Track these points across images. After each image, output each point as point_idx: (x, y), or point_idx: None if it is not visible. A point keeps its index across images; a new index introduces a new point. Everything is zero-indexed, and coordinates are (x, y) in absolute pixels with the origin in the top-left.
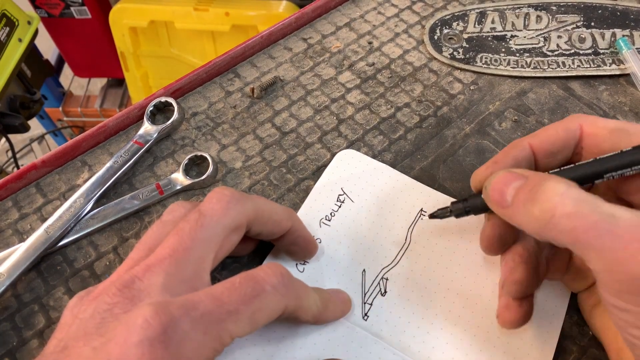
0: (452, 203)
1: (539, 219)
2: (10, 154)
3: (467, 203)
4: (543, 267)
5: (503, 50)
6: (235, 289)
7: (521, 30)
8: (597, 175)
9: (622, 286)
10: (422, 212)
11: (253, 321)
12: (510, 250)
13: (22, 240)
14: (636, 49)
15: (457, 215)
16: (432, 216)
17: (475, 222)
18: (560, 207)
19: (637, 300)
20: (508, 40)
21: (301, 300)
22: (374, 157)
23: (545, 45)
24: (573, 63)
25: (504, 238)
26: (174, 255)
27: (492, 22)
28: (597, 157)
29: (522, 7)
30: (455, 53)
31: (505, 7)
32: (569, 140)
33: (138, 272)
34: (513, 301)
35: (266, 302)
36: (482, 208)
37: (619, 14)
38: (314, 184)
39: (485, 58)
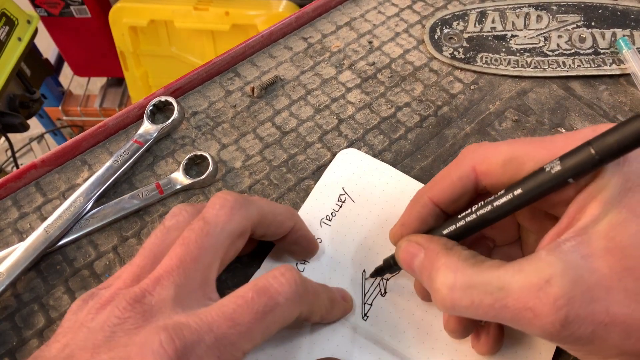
0: (384, 260)
1: (444, 309)
2: (9, 153)
3: (395, 262)
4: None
5: (503, 49)
6: (248, 305)
7: (521, 30)
8: (492, 220)
9: (543, 338)
10: None
11: (266, 334)
12: None
13: (21, 239)
14: (636, 48)
15: (391, 272)
16: (372, 276)
17: None
18: (456, 301)
19: (563, 345)
20: (508, 39)
21: (313, 305)
22: (374, 156)
23: (545, 45)
24: (573, 63)
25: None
26: (181, 265)
27: (493, 21)
28: (487, 202)
29: (523, 6)
30: (455, 53)
31: (505, 7)
32: (465, 186)
33: (148, 285)
34: (475, 334)
35: (280, 314)
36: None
37: (619, 13)
38: (314, 183)
39: (486, 58)
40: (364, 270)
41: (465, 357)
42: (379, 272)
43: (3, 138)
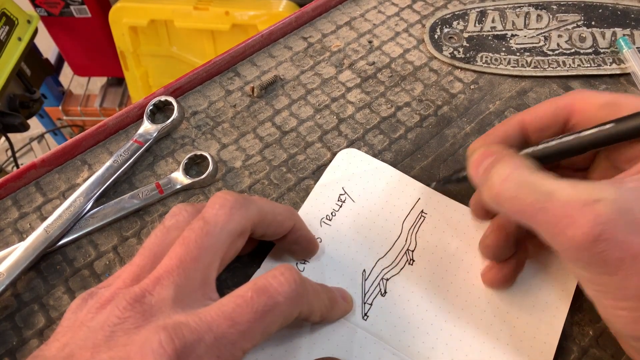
0: (455, 171)
1: (489, 200)
2: (9, 153)
3: (462, 173)
4: (522, 235)
5: (503, 49)
6: (248, 304)
7: (522, 30)
8: (574, 148)
9: (562, 254)
10: (423, 214)
11: (266, 333)
12: (494, 217)
13: (21, 239)
14: (637, 48)
15: (458, 182)
16: (438, 183)
17: (475, 224)
18: (503, 192)
19: (576, 265)
20: (508, 39)
21: (313, 305)
22: (374, 156)
23: (545, 44)
24: (573, 62)
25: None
26: (181, 265)
27: (493, 21)
28: (571, 133)
29: (523, 6)
30: (455, 52)
31: (505, 6)
32: (558, 117)
33: (148, 285)
34: (495, 264)
35: (279, 314)
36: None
37: (619, 13)
38: (314, 183)
39: (486, 57)
40: (364, 270)
41: (465, 357)
42: (446, 180)
43: (3, 138)
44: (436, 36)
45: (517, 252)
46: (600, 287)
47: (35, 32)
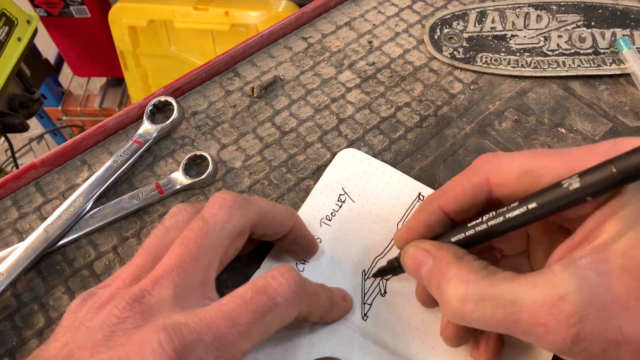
0: (388, 262)
1: (454, 320)
2: (9, 153)
3: (399, 265)
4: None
5: (503, 49)
6: (247, 305)
7: (521, 30)
8: (503, 231)
9: (559, 355)
10: None
11: (265, 334)
12: None
13: (21, 239)
14: (636, 48)
15: (395, 274)
16: (374, 276)
17: None
18: (467, 313)
19: (572, 358)
20: (508, 39)
21: (312, 306)
22: (374, 156)
23: (545, 44)
24: (573, 63)
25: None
26: (181, 265)
27: (493, 21)
28: (499, 212)
29: (523, 6)
30: (455, 52)
31: (505, 7)
32: (477, 196)
33: (147, 285)
34: (475, 346)
35: (279, 314)
36: None
37: (619, 13)
38: (314, 183)
39: (486, 57)
40: (364, 270)
41: (465, 357)
42: (381, 272)
43: (3, 138)
44: (436, 36)
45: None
46: None
47: (35, 32)
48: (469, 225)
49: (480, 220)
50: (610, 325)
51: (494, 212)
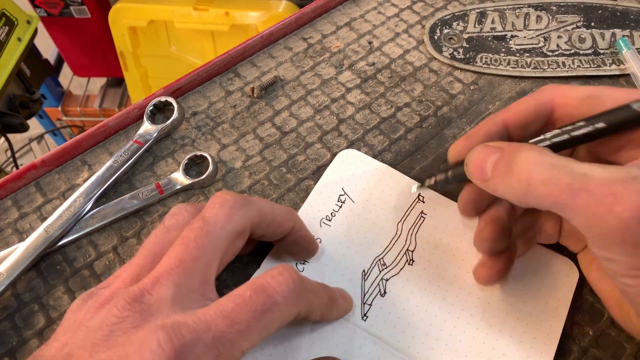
0: (438, 172)
1: (518, 189)
2: (9, 153)
3: (450, 174)
4: (517, 229)
5: (503, 50)
6: (246, 304)
7: (521, 30)
8: (565, 144)
9: (604, 238)
10: (423, 214)
11: (264, 333)
12: (484, 213)
13: (21, 239)
14: (636, 49)
15: (443, 185)
16: (420, 186)
17: (475, 224)
18: (536, 175)
19: (620, 249)
20: (508, 40)
21: (312, 305)
22: (374, 157)
23: (545, 45)
24: (573, 63)
25: (479, 202)
26: (181, 265)
27: (492, 22)
28: (564, 126)
29: (522, 7)
30: (455, 53)
31: (505, 7)
32: (540, 112)
33: (147, 284)
34: (487, 259)
35: (278, 314)
36: (463, 178)
37: (619, 14)
38: (314, 183)
39: (486, 58)
40: (364, 270)
41: (465, 357)
42: (424, 186)
43: (3, 138)
44: (436, 37)
45: (507, 247)
46: (627, 266)
47: (35, 32)
48: (533, 139)
49: (543, 137)
50: None
51: (558, 132)
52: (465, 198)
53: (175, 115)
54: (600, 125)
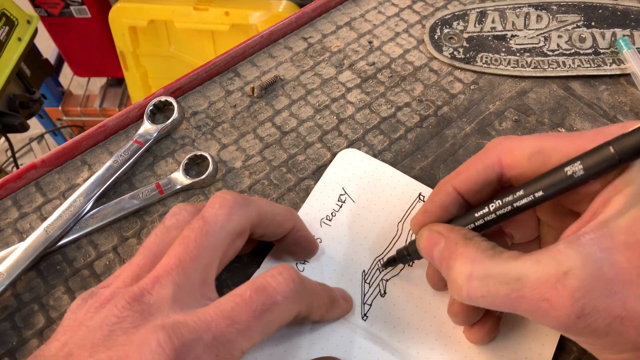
0: (397, 251)
1: (461, 300)
2: (9, 153)
3: (410, 252)
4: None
5: (503, 49)
6: (246, 303)
7: (521, 30)
8: (511, 214)
9: (556, 330)
10: None
11: (264, 333)
12: None
13: (21, 239)
14: (636, 48)
15: (404, 263)
16: (384, 266)
17: None
18: (473, 291)
19: (576, 338)
20: (508, 39)
21: (312, 305)
22: (374, 156)
23: (545, 44)
24: (573, 63)
25: (444, 281)
26: (181, 265)
27: (493, 21)
28: (507, 195)
29: (523, 6)
30: (455, 52)
31: (505, 7)
32: (489, 177)
33: (147, 284)
34: (473, 325)
35: (278, 313)
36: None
37: (619, 13)
38: (314, 183)
39: (486, 58)
40: (364, 271)
41: (464, 357)
42: (390, 262)
43: (3, 138)
44: (436, 36)
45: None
46: (597, 346)
47: (35, 32)
48: (476, 215)
49: (487, 210)
50: (614, 301)
51: (500, 202)
52: (430, 274)
53: (175, 115)
54: (539, 194)
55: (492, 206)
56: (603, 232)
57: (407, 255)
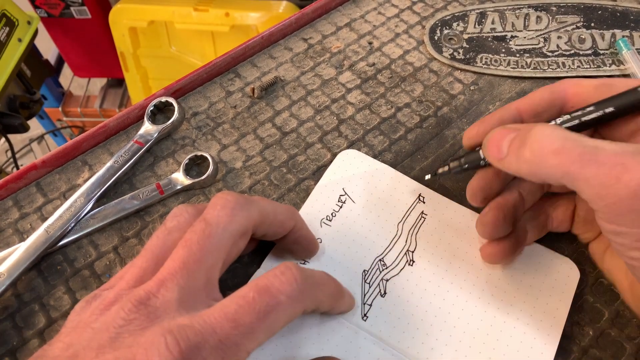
0: (450, 161)
1: (531, 160)
2: (10, 154)
3: (464, 160)
4: (528, 215)
5: (503, 50)
6: (250, 305)
7: (521, 31)
8: (575, 128)
9: (613, 209)
10: (423, 215)
11: (269, 333)
12: (491, 200)
13: (22, 239)
14: (636, 49)
15: (456, 172)
16: (433, 175)
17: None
18: (548, 145)
19: (628, 220)
20: (508, 40)
21: (318, 298)
22: (374, 157)
23: (545, 45)
24: (573, 64)
25: (487, 190)
26: (185, 268)
27: (492, 22)
28: (574, 111)
29: (522, 7)
30: (455, 53)
31: (505, 8)
32: (554, 100)
33: (152, 287)
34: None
35: (282, 313)
36: (477, 164)
37: (618, 14)
38: (315, 184)
39: (486, 58)
40: (364, 271)
41: (465, 357)
42: (443, 172)
43: (3, 139)
44: (436, 37)
45: (515, 231)
46: (634, 239)
47: (36, 33)
48: (558, 121)
49: (568, 116)
50: None
51: (570, 116)
52: (474, 185)
53: (175, 115)
54: (609, 109)
55: (559, 120)
56: None
57: (462, 165)
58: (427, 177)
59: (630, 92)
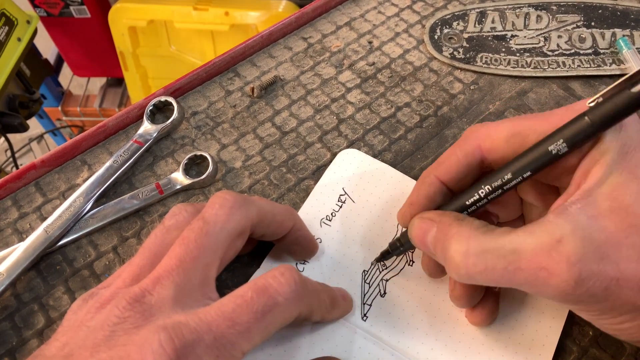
0: (390, 244)
1: (460, 279)
2: (9, 153)
3: (402, 240)
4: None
5: (503, 50)
6: (247, 305)
7: (521, 30)
8: (501, 193)
9: (558, 300)
10: None
11: (265, 334)
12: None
13: (21, 239)
14: (636, 48)
15: (398, 254)
16: (377, 260)
17: None
18: (471, 268)
19: (574, 307)
20: (508, 40)
21: (313, 305)
22: (374, 156)
23: (545, 45)
24: (573, 63)
25: (440, 267)
26: (181, 265)
27: (493, 21)
28: (495, 180)
29: (523, 6)
30: (455, 53)
31: (505, 7)
32: (471, 164)
33: (148, 285)
34: (474, 307)
35: (279, 314)
36: (413, 246)
37: (619, 13)
38: (314, 183)
39: (486, 58)
40: (364, 271)
41: (465, 357)
42: (384, 255)
43: (3, 138)
44: (436, 37)
45: (490, 288)
46: (596, 313)
47: (35, 32)
48: (467, 203)
49: (478, 196)
50: (608, 264)
51: (489, 186)
52: (426, 262)
53: (175, 115)
54: (527, 174)
55: (482, 192)
56: (588, 201)
57: (399, 246)
58: (372, 261)
59: (542, 150)
